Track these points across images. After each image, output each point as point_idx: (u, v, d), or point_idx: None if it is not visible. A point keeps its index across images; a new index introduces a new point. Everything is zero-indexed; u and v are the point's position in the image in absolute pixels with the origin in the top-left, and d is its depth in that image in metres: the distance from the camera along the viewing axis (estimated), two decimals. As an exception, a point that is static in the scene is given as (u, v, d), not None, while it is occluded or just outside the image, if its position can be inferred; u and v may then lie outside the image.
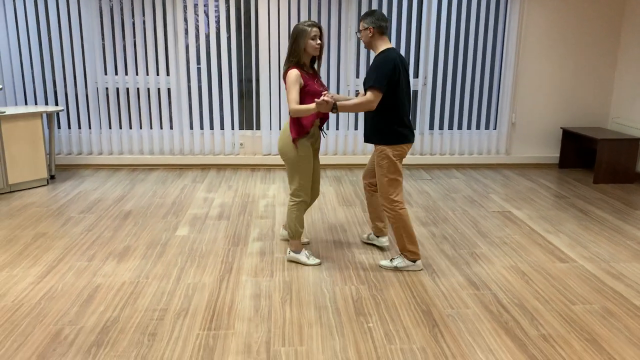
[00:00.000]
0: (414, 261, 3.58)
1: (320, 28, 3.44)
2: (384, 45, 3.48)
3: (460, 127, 6.45)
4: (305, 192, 3.58)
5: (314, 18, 6.00)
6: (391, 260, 3.64)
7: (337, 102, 3.35)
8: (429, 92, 6.30)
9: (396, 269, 3.60)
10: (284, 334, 2.82)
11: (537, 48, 6.24)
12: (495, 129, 6.52)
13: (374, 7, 6.01)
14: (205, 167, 6.30)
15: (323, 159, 6.36)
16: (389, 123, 3.46)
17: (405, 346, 2.71)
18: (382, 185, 3.54)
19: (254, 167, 6.34)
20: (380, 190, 3.57)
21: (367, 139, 3.60)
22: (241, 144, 6.33)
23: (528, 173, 6.24)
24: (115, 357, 2.60)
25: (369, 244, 4.05)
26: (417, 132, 6.41)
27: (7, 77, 5.92)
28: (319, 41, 3.43)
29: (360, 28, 3.52)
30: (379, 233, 3.94)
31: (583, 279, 3.48)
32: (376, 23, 3.44)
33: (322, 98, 3.24)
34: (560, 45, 6.26)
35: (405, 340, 2.76)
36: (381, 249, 3.94)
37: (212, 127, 6.30)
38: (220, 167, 6.33)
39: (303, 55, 3.42)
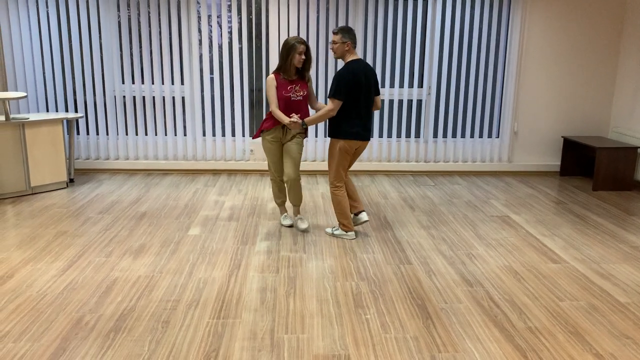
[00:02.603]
0: (346, 232, 4.38)
1: (306, 45, 4.17)
2: (352, 57, 4.13)
3: (463, 136, 6.65)
4: (272, 173, 4.49)
5: (322, 30, 6.26)
6: (333, 227, 4.48)
7: (305, 119, 4.18)
8: (433, 102, 6.52)
9: (333, 235, 4.42)
10: (287, 323, 3.03)
11: (538, 59, 6.45)
12: (497, 137, 6.72)
13: (380, 20, 6.26)
14: (216, 172, 6.56)
15: (321, 165, 6.56)
16: (340, 120, 4.15)
17: (400, 335, 2.91)
18: (330, 169, 4.30)
19: (263, 173, 6.59)
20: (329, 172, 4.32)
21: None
22: (251, 151, 6.58)
23: (529, 180, 6.42)
24: (131, 341, 2.83)
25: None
26: (421, 140, 6.63)
27: (31, 85, 6.24)
28: (303, 56, 4.18)
29: (337, 41, 4.11)
30: (355, 210, 4.47)
31: (572, 278, 3.67)
32: (352, 39, 4.10)
33: (290, 120, 4.12)
34: (561, 56, 6.46)
35: (399, 330, 2.97)
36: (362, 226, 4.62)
37: (223, 135, 6.56)
38: (231, 172, 6.59)
39: (290, 66, 4.17)
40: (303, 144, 4.51)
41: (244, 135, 6.53)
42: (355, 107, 4.11)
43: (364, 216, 4.42)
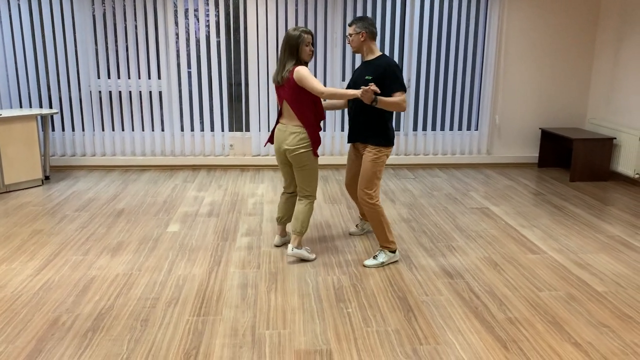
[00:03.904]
0: (394, 252, 3.76)
1: (312, 35, 3.62)
2: (377, 50, 3.65)
3: (443, 128, 6.68)
4: (314, 190, 3.78)
5: (301, 24, 6.21)
6: (374, 257, 3.75)
7: (379, 97, 3.45)
8: (412, 94, 6.52)
9: (382, 265, 3.73)
10: (268, 319, 3.01)
11: (516, 52, 6.49)
12: (476, 129, 6.76)
13: (359, 13, 6.24)
14: (195, 168, 6.49)
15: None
16: (384, 125, 3.65)
17: (381, 329, 2.91)
18: (368, 181, 3.67)
19: (243, 168, 6.54)
20: (363, 184, 3.67)
21: (364, 138, 3.72)
22: (231, 145, 6.52)
23: (508, 172, 6.48)
24: (110, 341, 2.78)
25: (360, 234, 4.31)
26: (401, 133, 6.64)
27: (3, 80, 6.09)
28: (311, 47, 3.63)
29: (351, 32, 3.61)
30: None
31: (551, 269, 3.71)
32: (368, 28, 3.58)
33: (364, 89, 3.33)
34: (538, 49, 6.51)
35: (381, 323, 2.97)
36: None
37: (202, 129, 6.49)
38: (210, 167, 6.52)
39: (302, 61, 3.60)
40: None
41: (223, 130, 6.47)
42: None
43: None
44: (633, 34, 5.91)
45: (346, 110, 6.17)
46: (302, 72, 3.49)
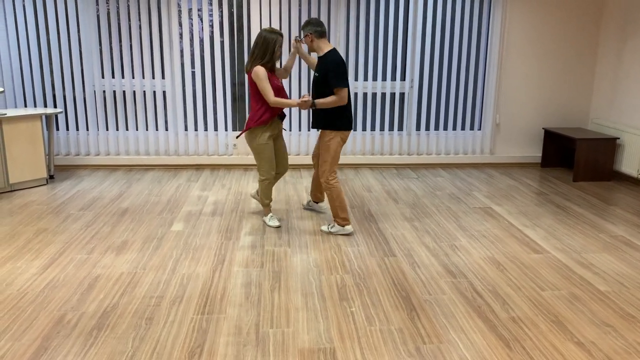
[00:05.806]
0: (343, 226, 4.29)
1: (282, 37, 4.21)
2: (326, 46, 4.08)
3: (446, 128, 6.69)
4: (267, 172, 4.35)
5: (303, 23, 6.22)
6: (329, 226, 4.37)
7: (316, 100, 4.07)
8: (415, 94, 6.53)
9: (330, 233, 4.33)
10: (272, 317, 3.03)
11: (519, 51, 6.50)
12: (479, 129, 6.76)
13: (362, 12, 6.24)
14: (199, 167, 6.51)
15: (309, 159, 6.56)
16: (341, 112, 4.12)
17: (384, 327, 2.93)
18: (326, 163, 4.20)
19: (246, 167, 6.56)
20: (322, 167, 4.23)
21: (316, 125, 4.25)
22: (234, 145, 6.54)
23: (511, 172, 6.48)
24: (115, 339, 2.80)
25: (308, 209, 4.92)
26: (404, 133, 6.65)
27: (8, 80, 6.12)
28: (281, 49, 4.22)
29: (302, 36, 4.13)
30: (317, 199, 4.80)
31: (554, 268, 3.71)
32: (314, 29, 4.06)
33: (302, 99, 4.03)
34: (541, 49, 6.51)
35: (384, 322, 2.98)
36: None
37: (206, 129, 6.51)
38: (214, 167, 6.54)
39: (274, 59, 4.16)
40: None
41: (226, 130, 6.49)
42: (347, 96, 4.11)
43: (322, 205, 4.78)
44: (637, 33, 5.91)
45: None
46: (260, 75, 4.06)
